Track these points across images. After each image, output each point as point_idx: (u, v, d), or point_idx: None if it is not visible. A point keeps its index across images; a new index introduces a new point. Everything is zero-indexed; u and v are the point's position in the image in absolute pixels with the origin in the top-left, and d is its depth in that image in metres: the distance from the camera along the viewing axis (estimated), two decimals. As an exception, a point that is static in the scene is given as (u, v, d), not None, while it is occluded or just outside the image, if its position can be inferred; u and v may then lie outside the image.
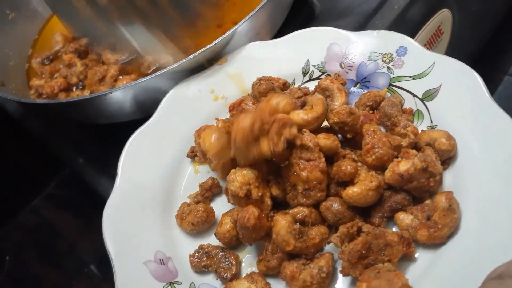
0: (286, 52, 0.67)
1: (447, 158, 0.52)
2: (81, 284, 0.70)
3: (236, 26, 0.65)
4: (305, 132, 0.50)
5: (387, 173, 0.49)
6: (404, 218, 0.48)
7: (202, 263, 0.53)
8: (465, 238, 0.46)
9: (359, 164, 0.51)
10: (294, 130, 0.49)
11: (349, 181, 0.50)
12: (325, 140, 0.50)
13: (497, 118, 0.51)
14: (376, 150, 0.49)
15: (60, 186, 0.82)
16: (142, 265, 0.54)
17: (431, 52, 0.59)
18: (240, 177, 0.49)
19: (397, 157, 0.51)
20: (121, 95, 0.65)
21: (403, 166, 0.48)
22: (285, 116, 0.49)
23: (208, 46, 0.64)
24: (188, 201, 0.60)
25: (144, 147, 0.62)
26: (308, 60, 0.66)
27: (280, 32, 0.74)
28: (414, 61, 0.60)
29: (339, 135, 0.56)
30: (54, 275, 0.73)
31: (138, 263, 0.54)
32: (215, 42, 0.65)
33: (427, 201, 0.49)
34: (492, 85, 0.96)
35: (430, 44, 0.81)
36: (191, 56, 0.64)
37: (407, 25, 0.75)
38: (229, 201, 0.55)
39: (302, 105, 0.58)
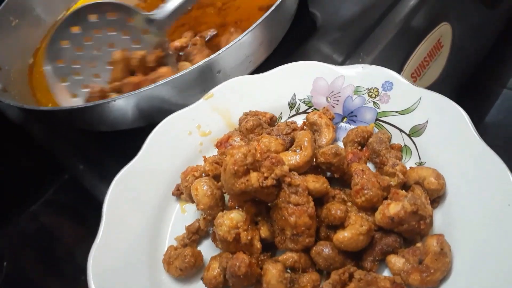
0: (272, 86, 0.66)
1: (437, 197, 0.52)
2: None
3: (239, 37, 0.65)
4: (295, 174, 0.49)
5: (377, 216, 0.48)
6: (396, 261, 0.48)
7: None
8: (457, 282, 0.46)
9: (349, 204, 0.51)
10: (286, 168, 0.48)
11: (340, 224, 0.49)
12: (314, 183, 0.49)
13: (483, 156, 0.51)
14: (366, 191, 0.49)
15: (60, 192, 0.81)
16: None
17: (416, 87, 0.59)
18: (227, 221, 0.48)
19: (386, 197, 0.51)
20: (124, 103, 0.65)
21: (393, 209, 0.47)
22: (277, 155, 0.49)
23: (212, 56, 0.64)
24: (175, 243, 0.58)
25: (129, 187, 0.60)
26: (294, 94, 0.66)
27: (283, 42, 0.75)
28: (400, 96, 0.60)
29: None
30: (52, 281, 0.72)
31: None
32: (219, 52, 0.65)
33: (418, 244, 0.49)
34: (491, 98, 0.98)
35: (430, 57, 0.81)
36: (194, 66, 0.64)
37: (408, 38, 0.76)
38: (217, 246, 0.53)
39: (291, 142, 0.58)
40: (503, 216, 0.47)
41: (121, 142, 0.60)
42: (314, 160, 0.54)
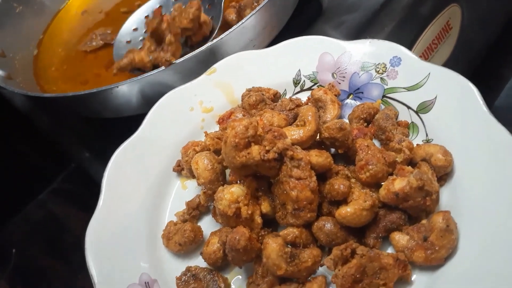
0: (277, 62, 0.65)
1: (444, 174, 0.51)
2: (87, 277, 0.69)
3: (243, 20, 0.64)
4: (297, 148, 0.48)
5: (382, 192, 0.47)
6: (400, 238, 0.46)
7: (189, 286, 0.51)
8: (463, 260, 0.45)
9: (353, 180, 0.50)
10: (288, 141, 0.47)
11: (342, 200, 0.48)
12: (317, 157, 0.48)
13: (494, 132, 0.49)
14: (370, 167, 0.48)
15: (67, 180, 0.82)
16: None
17: (426, 63, 0.58)
18: (228, 195, 0.47)
19: (391, 174, 0.49)
20: (127, 89, 0.65)
21: (398, 184, 0.46)
22: (280, 129, 0.48)
23: (214, 40, 0.64)
24: (175, 219, 0.58)
25: (129, 162, 0.60)
26: (299, 70, 0.64)
27: (288, 26, 0.73)
28: (408, 71, 0.58)
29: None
30: (60, 268, 0.73)
31: (122, 286, 0.52)
32: (222, 36, 0.64)
33: (423, 221, 0.47)
34: (501, 82, 0.96)
35: (439, 39, 0.79)
36: (197, 50, 0.63)
37: (416, 20, 0.74)
38: (217, 221, 0.53)
39: (294, 117, 0.56)
40: None
41: (126, 129, 0.60)
42: (318, 135, 0.53)
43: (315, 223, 0.48)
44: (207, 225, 0.57)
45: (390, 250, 0.49)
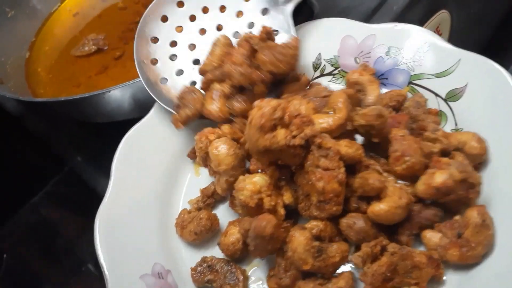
0: None
1: (478, 163, 0.46)
2: (79, 282, 0.67)
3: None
4: (326, 137, 0.43)
5: (421, 187, 0.42)
6: (432, 236, 0.42)
7: (205, 277, 0.47)
8: (500, 258, 0.40)
9: (385, 174, 0.44)
10: (317, 128, 0.42)
11: (374, 196, 0.43)
12: (347, 148, 0.43)
13: None
14: (407, 158, 0.42)
15: (60, 184, 0.77)
16: (138, 280, 0.47)
17: (456, 48, 0.52)
18: (250, 185, 0.42)
19: (427, 167, 0.44)
20: (120, 94, 0.60)
21: (439, 177, 0.41)
22: (309, 114, 0.43)
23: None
24: (189, 207, 0.53)
25: (140, 147, 0.54)
26: (319, 54, 0.59)
27: None
28: (437, 57, 0.53)
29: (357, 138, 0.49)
30: (52, 273, 0.69)
31: (134, 277, 0.47)
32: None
33: (456, 217, 0.42)
34: None
35: None
36: None
37: None
38: (236, 212, 0.48)
39: (323, 105, 0.51)
40: None
41: (119, 133, 0.55)
42: (351, 123, 0.47)
43: (344, 220, 0.43)
44: (223, 213, 0.52)
45: (422, 249, 0.44)
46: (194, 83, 0.58)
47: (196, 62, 0.59)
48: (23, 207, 0.75)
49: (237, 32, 0.59)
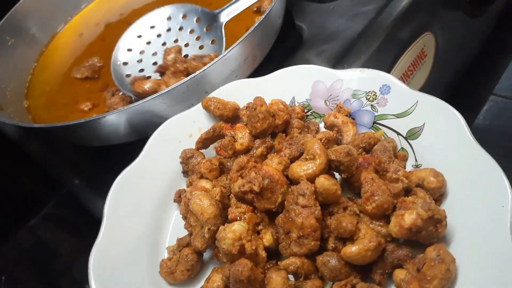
0: (272, 90, 0.56)
1: (439, 195, 0.44)
2: None
3: (225, 52, 0.56)
4: (302, 179, 0.41)
5: (394, 229, 0.39)
6: (398, 273, 0.39)
7: None
8: None
9: (361, 215, 0.42)
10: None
11: (349, 237, 0.40)
12: (324, 179, 0.41)
13: (478, 158, 0.43)
14: (376, 198, 0.40)
15: (57, 206, 0.73)
16: None
17: (413, 91, 0.50)
18: (230, 234, 0.39)
19: (395, 207, 0.42)
20: (115, 119, 0.57)
21: (408, 219, 0.38)
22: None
23: (197, 72, 0.56)
24: (166, 255, 0.49)
25: (129, 191, 0.51)
26: (293, 97, 0.56)
27: (269, 57, 0.66)
28: (398, 99, 0.51)
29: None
30: None
31: None
32: (205, 68, 0.56)
33: (421, 255, 0.40)
34: (478, 104, 0.89)
35: (414, 66, 0.73)
36: (182, 81, 0.55)
37: (391, 48, 0.68)
38: (219, 260, 0.44)
39: (300, 153, 0.47)
40: (498, 216, 0.39)
41: (115, 157, 0.52)
42: None
43: (319, 258, 0.40)
44: (207, 260, 0.48)
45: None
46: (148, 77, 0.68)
47: (155, 63, 0.69)
48: (20, 230, 0.70)
49: (187, 43, 0.70)
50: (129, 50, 0.71)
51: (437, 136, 0.48)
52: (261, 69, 0.62)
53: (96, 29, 0.87)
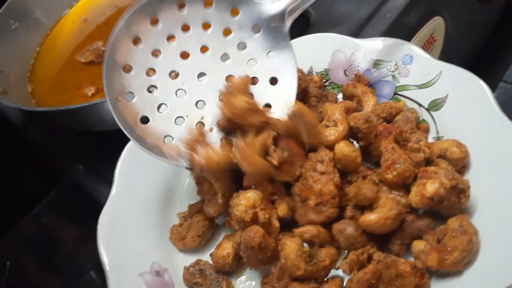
0: None
1: (461, 166, 0.42)
2: None
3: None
4: (321, 147, 0.39)
5: (414, 198, 0.37)
6: (417, 244, 0.37)
7: (194, 279, 0.42)
8: (482, 266, 0.35)
9: (380, 184, 0.40)
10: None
11: (368, 206, 0.39)
12: (344, 145, 0.39)
13: (504, 129, 0.41)
14: (397, 166, 0.38)
15: (60, 194, 0.70)
16: (137, 277, 0.43)
17: (437, 61, 0.48)
18: (244, 201, 0.38)
19: (415, 178, 0.40)
20: None
21: (431, 187, 0.36)
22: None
23: None
24: (177, 221, 0.47)
25: (141, 154, 0.49)
26: (311, 67, 0.54)
27: None
28: (420, 70, 0.49)
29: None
30: (53, 282, 0.63)
31: (133, 274, 0.43)
32: None
33: (442, 226, 0.38)
34: None
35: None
36: None
37: (400, 32, 0.64)
38: (232, 227, 0.43)
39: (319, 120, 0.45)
40: None
41: (119, 143, 0.50)
42: None
43: (336, 225, 0.39)
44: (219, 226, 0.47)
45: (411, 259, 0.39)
46: (181, 119, 0.42)
47: (180, 91, 0.42)
48: (24, 217, 0.69)
49: (226, 54, 0.43)
50: (128, 68, 0.41)
51: (461, 107, 0.46)
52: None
53: (101, 13, 0.85)
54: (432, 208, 0.38)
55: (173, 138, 0.42)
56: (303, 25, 0.66)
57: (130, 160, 0.49)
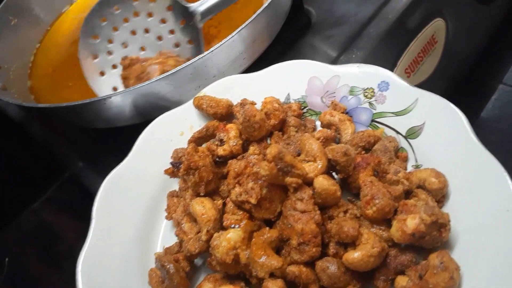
0: (266, 86, 0.54)
1: (441, 196, 0.42)
2: None
3: (233, 33, 0.54)
4: (300, 184, 0.39)
5: (396, 234, 0.37)
6: (400, 280, 0.37)
7: None
8: None
9: (361, 218, 0.40)
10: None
11: (350, 242, 0.38)
12: (323, 180, 0.38)
13: (482, 159, 0.41)
14: (377, 201, 0.38)
15: (60, 189, 0.72)
16: None
17: (413, 88, 0.48)
18: (225, 242, 0.37)
19: (396, 210, 0.39)
20: (121, 100, 0.54)
21: (411, 223, 0.36)
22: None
23: (205, 53, 0.53)
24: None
25: (118, 192, 0.48)
26: (288, 94, 0.54)
27: (278, 39, 0.63)
28: (397, 96, 0.49)
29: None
30: (53, 277, 0.63)
31: None
32: (212, 49, 0.53)
33: (424, 261, 0.38)
34: (487, 93, 0.86)
35: (424, 52, 0.70)
36: (188, 63, 0.52)
37: (401, 34, 0.66)
38: (213, 269, 0.42)
39: (298, 153, 0.45)
40: (502, 221, 0.37)
41: (119, 139, 0.50)
42: None
43: (319, 263, 0.38)
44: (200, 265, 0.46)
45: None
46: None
47: (125, 58, 0.63)
48: (24, 212, 0.69)
49: (161, 36, 0.64)
50: (95, 37, 0.64)
51: (439, 135, 0.46)
52: (268, 53, 0.59)
53: None
54: (414, 243, 0.38)
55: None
56: (304, 25, 0.67)
57: (107, 197, 0.48)
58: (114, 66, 0.65)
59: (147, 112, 0.56)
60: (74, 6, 0.86)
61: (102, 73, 0.64)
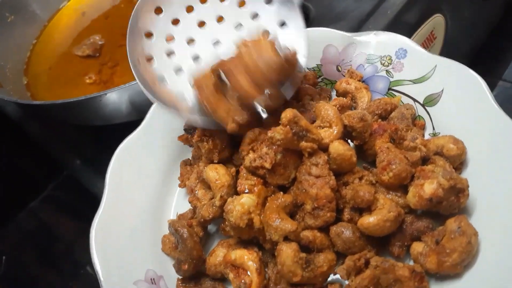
0: None
1: (459, 163, 0.41)
2: (78, 285, 0.61)
3: None
4: (315, 149, 0.38)
5: (412, 199, 0.36)
6: (416, 246, 0.36)
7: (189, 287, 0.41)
8: (482, 269, 0.34)
9: (377, 185, 0.39)
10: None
11: (366, 208, 0.37)
12: (339, 145, 0.37)
13: (501, 124, 0.40)
14: (393, 167, 0.37)
15: (58, 188, 0.71)
16: (132, 286, 0.42)
17: (432, 55, 0.46)
18: (239, 206, 0.37)
19: (413, 177, 0.39)
20: (117, 97, 0.53)
21: (428, 188, 0.35)
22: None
23: None
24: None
25: (133, 157, 0.48)
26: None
27: None
28: (414, 64, 0.47)
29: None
30: (51, 276, 0.63)
31: (128, 283, 0.42)
32: None
33: (441, 227, 0.37)
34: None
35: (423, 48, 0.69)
36: None
37: (400, 30, 0.63)
38: (227, 234, 0.41)
39: (313, 120, 0.43)
40: None
41: (116, 137, 0.49)
42: None
43: (333, 228, 0.37)
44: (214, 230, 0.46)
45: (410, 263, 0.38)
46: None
47: (196, 58, 0.46)
48: (21, 212, 0.68)
49: (240, 24, 0.46)
50: (149, 35, 0.46)
51: (457, 102, 0.44)
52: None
53: (99, 7, 0.83)
54: (431, 209, 0.37)
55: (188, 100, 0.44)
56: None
57: (120, 165, 0.48)
58: (179, 70, 0.46)
59: (144, 109, 0.53)
60: (71, 2, 0.84)
61: (162, 81, 0.45)
